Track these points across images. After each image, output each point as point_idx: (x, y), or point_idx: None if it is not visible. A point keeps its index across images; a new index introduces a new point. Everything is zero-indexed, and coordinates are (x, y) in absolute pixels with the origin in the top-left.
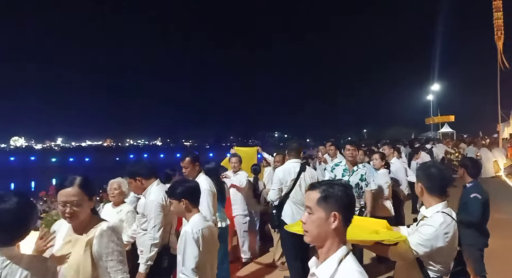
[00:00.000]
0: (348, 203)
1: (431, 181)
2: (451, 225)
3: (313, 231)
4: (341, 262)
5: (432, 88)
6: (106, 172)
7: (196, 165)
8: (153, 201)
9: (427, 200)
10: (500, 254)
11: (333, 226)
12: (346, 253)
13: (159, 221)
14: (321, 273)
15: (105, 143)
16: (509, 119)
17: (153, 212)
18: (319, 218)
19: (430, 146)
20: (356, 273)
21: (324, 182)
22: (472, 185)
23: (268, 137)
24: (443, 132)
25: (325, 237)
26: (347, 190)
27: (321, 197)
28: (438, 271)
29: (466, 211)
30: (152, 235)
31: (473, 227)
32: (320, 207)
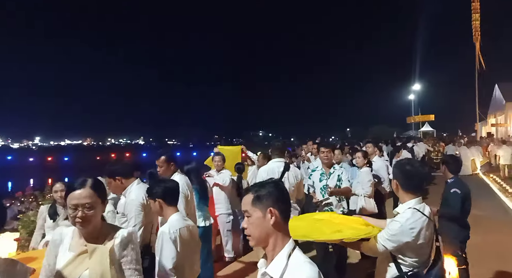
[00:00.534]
0: (280, 196)
1: (406, 178)
2: (419, 221)
3: (254, 232)
4: (290, 257)
5: (413, 88)
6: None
7: (171, 164)
8: (134, 200)
9: (402, 196)
10: (479, 249)
11: (271, 222)
12: (293, 247)
13: (139, 220)
14: (273, 271)
15: (85, 142)
16: (486, 119)
17: (133, 211)
18: (257, 218)
19: (411, 144)
20: (306, 264)
21: (255, 184)
22: (453, 181)
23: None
24: (424, 131)
25: (267, 235)
26: (278, 185)
27: (255, 198)
28: (410, 265)
29: (447, 205)
30: None
31: (454, 221)
32: (256, 207)
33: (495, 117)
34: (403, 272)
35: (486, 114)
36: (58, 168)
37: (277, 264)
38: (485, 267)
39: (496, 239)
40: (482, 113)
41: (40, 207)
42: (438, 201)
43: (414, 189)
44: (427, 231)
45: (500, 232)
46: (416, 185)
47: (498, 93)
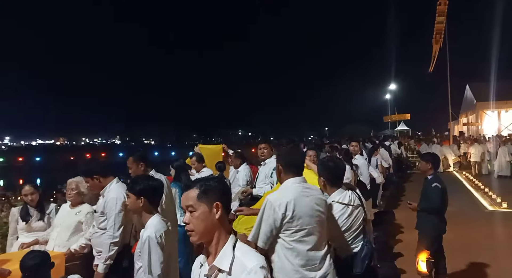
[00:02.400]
0: (225, 191)
1: (330, 173)
2: (336, 211)
3: (199, 227)
4: (235, 249)
5: (390, 87)
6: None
7: (140, 164)
8: (114, 198)
9: (329, 192)
10: (451, 244)
11: (217, 216)
12: (236, 240)
13: (119, 219)
14: (221, 263)
15: (57, 141)
16: (458, 118)
17: (113, 209)
18: (203, 213)
19: (389, 143)
20: (253, 252)
21: (199, 179)
22: (433, 177)
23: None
24: (400, 130)
25: (212, 230)
26: (221, 180)
27: (201, 192)
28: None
29: (427, 200)
30: (112, 233)
31: (433, 214)
32: (202, 202)
33: (466, 117)
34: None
35: (458, 113)
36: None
37: (224, 257)
38: (458, 260)
39: (468, 233)
40: (455, 112)
41: (12, 209)
42: (416, 198)
43: (337, 182)
44: (349, 217)
45: (471, 227)
46: (339, 178)
47: (469, 93)
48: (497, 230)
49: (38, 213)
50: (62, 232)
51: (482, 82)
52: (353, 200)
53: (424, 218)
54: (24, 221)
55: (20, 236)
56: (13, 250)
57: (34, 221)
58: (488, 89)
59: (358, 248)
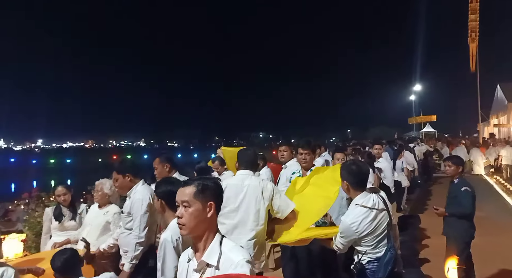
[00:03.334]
0: (220, 193)
1: (354, 177)
2: (359, 214)
3: (191, 222)
4: (222, 245)
5: (414, 88)
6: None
7: (166, 165)
8: (140, 199)
9: (352, 196)
10: (482, 250)
11: (209, 215)
12: (222, 236)
13: (145, 220)
14: (209, 258)
15: (87, 144)
16: (488, 119)
17: (139, 210)
18: (197, 210)
19: (413, 145)
20: (238, 248)
21: (196, 177)
22: (460, 181)
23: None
24: (425, 132)
25: (203, 227)
26: (218, 181)
27: (198, 190)
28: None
29: (458, 204)
30: (137, 234)
31: (463, 219)
32: (198, 199)
33: (497, 118)
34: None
35: (488, 114)
36: (61, 170)
37: (212, 252)
38: (487, 268)
39: (499, 240)
40: (484, 113)
41: (46, 209)
42: (442, 202)
43: (360, 186)
44: (372, 221)
45: (502, 234)
46: (362, 182)
47: (500, 94)
48: None
49: (70, 213)
50: (91, 232)
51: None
52: (377, 203)
53: (453, 223)
54: (57, 221)
55: (53, 235)
56: (47, 249)
57: (67, 220)
58: None
59: (381, 253)
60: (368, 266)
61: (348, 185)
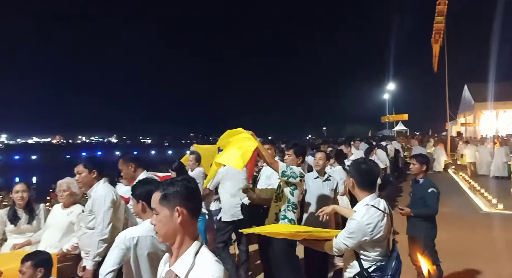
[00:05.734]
0: (189, 195)
1: (362, 176)
2: (375, 216)
3: (161, 229)
4: (197, 255)
5: (388, 87)
6: (56, 171)
7: (130, 165)
8: (102, 195)
9: (358, 195)
10: (446, 245)
11: (179, 221)
12: (200, 245)
13: (108, 216)
14: (178, 269)
15: (54, 140)
16: (456, 118)
17: (102, 206)
18: (164, 217)
19: (385, 143)
20: (213, 262)
21: (164, 182)
22: (426, 180)
23: None
24: (397, 130)
25: (174, 233)
26: (188, 184)
27: (162, 196)
28: (373, 260)
29: (424, 205)
30: (101, 230)
31: (428, 220)
32: (163, 206)
33: (464, 117)
34: (363, 268)
35: (456, 114)
36: (26, 167)
37: (183, 262)
38: (453, 262)
39: (464, 235)
40: (453, 113)
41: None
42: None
43: (369, 187)
44: (384, 225)
45: (466, 229)
46: (372, 183)
47: (467, 94)
48: (493, 232)
49: (26, 215)
50: (54, 233)
51: (481, 83)
52: (386, 208)
53: (417, 223)
54: (12, 224)
55: (9, 238)
56: (3, 252)
57: (23, 223)
58: (486, 90)
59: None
60: (375, 275)
61: (354, 183)
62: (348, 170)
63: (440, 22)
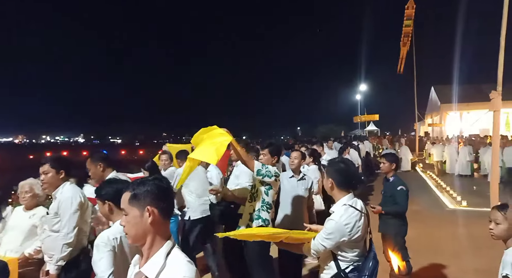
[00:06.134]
0: (161, 195)
1: (340, 176)
2: (353, 216)
3: (131, 230)
4: (168, 256)
5: (360, 88)
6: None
7: (99, 165)
8: (69, 197)
9: (336, 195)
10: (414, 242)
11: (149, 221)
12: (172, 246)
13: (74, 219)
14: (148, 270)
15: (16, 139)
16: (424, 119)
17: (68, 209)
18: (134, 217)
19: (357, 143)
20: (185, 263)
21: (136, 181)
22: (396, 179)
23: None
24: (369, 130)
25: (144, 234)
26: (160, 183)
27: (132, 196)
28: (350, 260)
29: (394, 203)
30: (65, 233)
31: (398, 217)
32: (133, 206)
33: (431, 118)
34: (341, 269)
35: (424, 114)
36: None
37: (154, 263)
38: (422, 258)
39: (431, 232)
40: (421, 113)
41: None
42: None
43: (347, 187)
44: (361, 225)
45: (433, 226)
46: (349, 182)
47: (434, 95)
48: (457, 229)
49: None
50: (15, 237)
51: (446, 85)
52: (363, 207)
53: (388, 221)
54: None
55: None
56: None
57: None
58: (451, 92)
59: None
60: (352, 275)
61: (333, 183)
62: (325, 170)
63: (409, 26)
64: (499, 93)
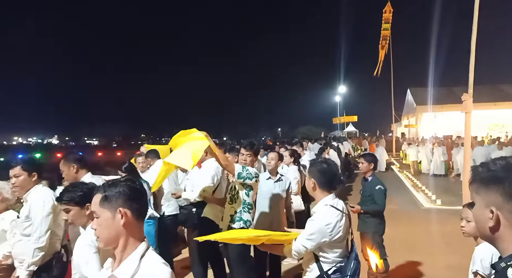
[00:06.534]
0: (133, 196)
1: (324, 176)
2: (334, 216)
3: (103, 233)
4: (143, 258)
5: (339, 90)
6: None
7: (72, 166)
8: (41, 200)
9: (317, 195)
10: (391, 240)
11: (122, 223)
12: (146, 248)
13: (46, 223)
14: (122, 273)
15: None
16: (401, 120)
17: (40, 212)
18: (105, 219)
19: (336, 143)
20: (160, 265)
21: (107, 183)
22: (374, 178)
23: None
24: (348, 131)
25: (117, 236)
26: (132, 184)
27: (103, 198)
28: (332, 261)
29: (372, 202)
30: (37, 237)
31: (376, 216)
32: (104, 208)
33: (407, 119)
34: (323, 271)
35: (400, 116)
36: None
37: (128, 266)
38: (398, 256)
39: (407, 230)
40: (397, 115)
41: None
42: (359, 198)
43: (329, 187)
44: (343, 225)
45: (409, 224)
46: (332, 183)
47: (410, 97)
48: (432, 227)
49: None
50: None
51: (422, 87)
52: (344, 207)
53: (367, 219)
54: None
55: None
56: None
57: None
58: (426, 94)
59: (345, 262)
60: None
61: (315, 183)
62: (308, 170)
63: (387, 29)
64: (470, 96)
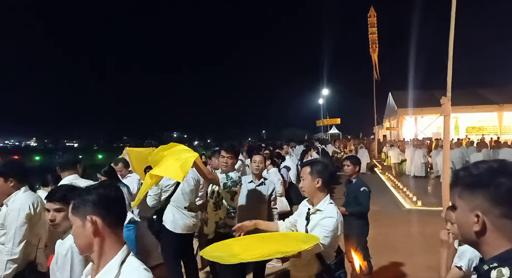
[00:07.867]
0: (104, 203)
1: (329, 175)
2: (339, 213)
3: (77, 241)
4: (123, 264)
5: (322, 93)
6: None
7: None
8: (17, 209)
9: (318, 194)
10: (373, 241)
11: (91, 231)
12: (127, 254)
13: (21, 233)
14: None
15: None
16: (382, 123)
17: (14, 221)
18: (77, 227)
19: (321, 146)
20: (141, 270)
21: (79, 189)
22: (358, 180)
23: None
24: (331, 133)
25: (90, 244)
26: (103, 190)
27: (72, 205)
28: (331, 256)
29: (357, 204)
30: (10, 249)
31: (361, 218)
32: (75, 216)
33: (389, 121)
34: (326, 264)
35: (382, 118)
36: None
37: (107, 273)
38: (380, 258)
39: (389, 231)
40: (380, 118)
41: None
42: (343, 200)
43: (328, 186)
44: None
45: (391, 225)
46: (329, 183)
47: (391, 100)
48: (413, 228)
49: None
50: None
51: (402, 90)
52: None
53: (351, 221)
54: None
55: None
56: None
57: None
58: (407, 97)
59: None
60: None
61: (321, 182)
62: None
63: (374, 33)
64: (449, 99)
